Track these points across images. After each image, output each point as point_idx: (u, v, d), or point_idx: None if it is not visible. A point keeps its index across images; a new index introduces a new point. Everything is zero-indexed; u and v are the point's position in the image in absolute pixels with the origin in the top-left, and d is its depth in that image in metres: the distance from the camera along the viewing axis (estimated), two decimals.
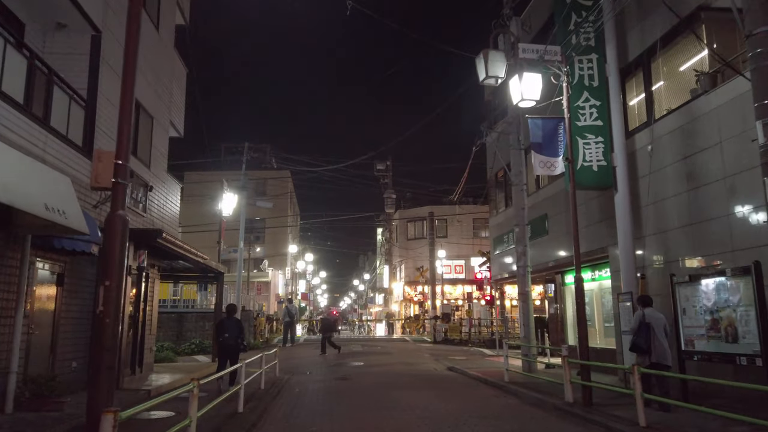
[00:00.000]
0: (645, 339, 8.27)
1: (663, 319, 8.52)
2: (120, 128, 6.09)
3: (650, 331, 8.31)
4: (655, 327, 8.33)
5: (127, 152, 5.76)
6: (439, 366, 16.58)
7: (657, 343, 8.26)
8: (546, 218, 15.57)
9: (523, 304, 14.30)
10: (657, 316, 8.55)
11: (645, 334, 8.30)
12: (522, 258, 14.43)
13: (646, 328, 8.34)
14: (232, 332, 10.66)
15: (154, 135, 13.07)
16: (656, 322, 8.40)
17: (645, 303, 8.76)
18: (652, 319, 8.45)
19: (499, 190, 20.14)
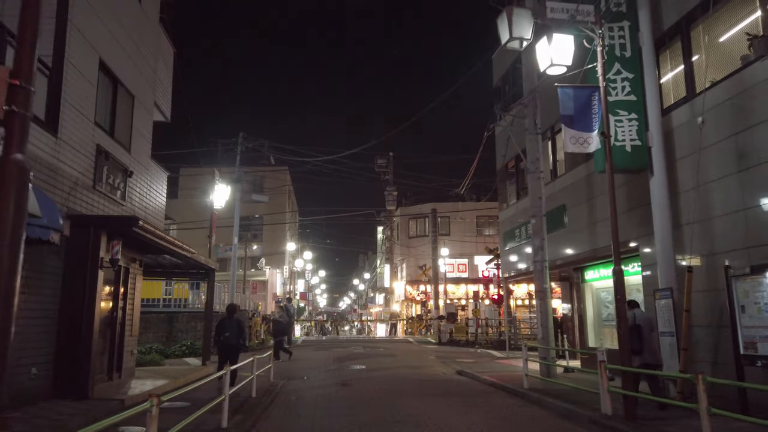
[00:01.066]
0: (638, 340, 8.51)
1: (652, 320, 8.88)
2: (22, 25, 4.12)
3: (641, 332, 8.58)
4: (644, 328, 8.60)
5: (31, 68, 4.08)
6: (447, 370, 15.35)
7: (648, 343, 8.56)
8: (563, 210, 14.34)
9: (541, 302, 13.07)
10: (646, 317, 8.93)
11: (637, 335, 8.53)
12: (539, 252, 13.20)
13: (638, 329, 8.59)
14: (232, 332, 10.58)
15: (135, 115, 11.84)
16: (645, 323, 8.69)
17: (633, 305, 9.05)
18: (641, 320, 8.73)
19: (509, 181, 18.91)
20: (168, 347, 19.22)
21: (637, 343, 8.49)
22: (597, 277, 13.72)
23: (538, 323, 13.08)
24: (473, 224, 41.19)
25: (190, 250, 12.29)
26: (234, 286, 20.52)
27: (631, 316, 8.77)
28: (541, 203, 13.32)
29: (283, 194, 43.01)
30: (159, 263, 14.83)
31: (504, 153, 16.29)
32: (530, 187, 13.58)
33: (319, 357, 18.29)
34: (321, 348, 21.22)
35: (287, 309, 21.37)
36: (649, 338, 8.62)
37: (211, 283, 15.53)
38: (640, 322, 8.71)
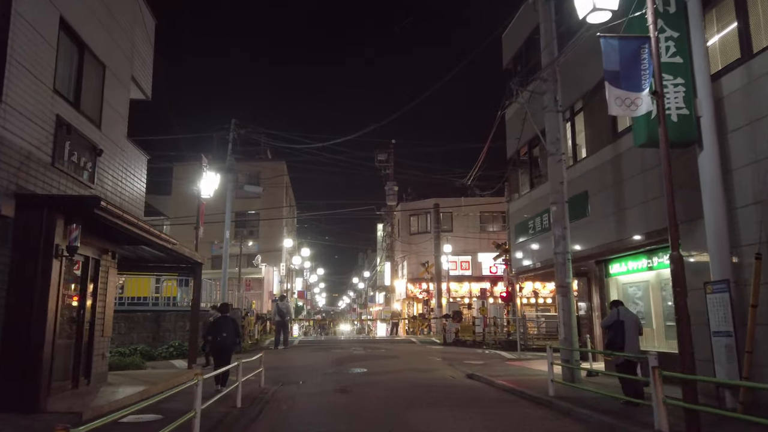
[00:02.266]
0: (621, 336, 8.68)
1: (635, 318, 9.08)
2: None
3: (624, 328, 8.72)
4: (627, 324, 8.74)
5: None
6: (456, 373, 14.00)
7: (630, 341, 8.69)
8: (586, 197, 12.97)
9: (563, 298, 11.72)
10: (630, 314, 9.11)
11: (621, 331, 8.69)
12: (561, 242, 11.85)
13: (621, 325, 8.75)
14: (229, 332, 10.37)
15: (106, 88, 10.46)
16: (629, 320, 8.85)
17: (617, 303, 9.33)
18: (625, 317, 8.89)
19: (522, 169, 17.54)
20: (154, 348, 17.88)
21: (620, 339, 8.67)
22: (624, 271, 12.36)
23: (559, 322, 11.73)
24: (477, 220, 39.85)
25: (170, 240, 10.92)
26: (226, 283, 19.17)
27: (615, 312, 9.05)
28: (563, 188, 11.97)
29: (280, 189, 41.65)
30: (140, 257, 13.46)
31: (518, 136, 14.91)
32: (550, 171, 12.22)
33: (316, 359, 16.94)
34: (319, 349, 19.87)
35: (279, 308, 20.01)
36: (631, 335, 8.78)
37: (197, 278, 14.16)
38: (624, 318, 8.87)
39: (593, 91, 12.75)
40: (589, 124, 13.32)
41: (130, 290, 21.02)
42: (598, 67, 12.59)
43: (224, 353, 10.40)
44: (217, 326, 10.55)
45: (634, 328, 8.82)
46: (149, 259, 13.67)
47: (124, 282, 21.58)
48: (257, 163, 42.10)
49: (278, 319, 19.98)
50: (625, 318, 8.86)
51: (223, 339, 10.33)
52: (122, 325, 18.28)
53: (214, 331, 10.48)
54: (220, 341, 10.35)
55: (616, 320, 8.85)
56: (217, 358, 10.57)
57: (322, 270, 64.08)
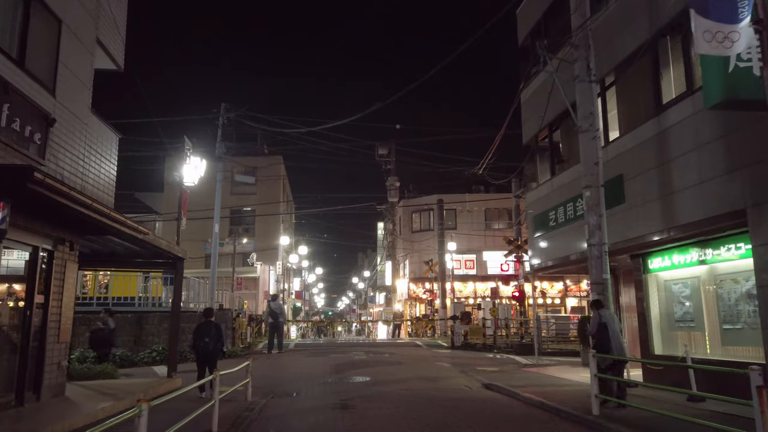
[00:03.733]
0: (607, 338, 8.69)
1: (616, 318, 9.36)
2: None
3: (608, 330, 8.74)
4: (610, 326, 8.78)
5: None
6: (471, 382, 12.37)
7: (615, 341, 8.71)
8: (621, 182, 11.32)
9: (600, 297, 10.07)
10: (612, 316, 9.15)
11: (606, 333, 8.72)
12: (596, 233, 10.22)
13: (605, 328, 8.76)
14: (211, 337, 10.20)
15: (63, 49, 8.81)
16: (611, 322, 8.87)
17: (599, 305, 9.27)
18: (608, 319, 8.89)
19: (541, 156, 15.89)
20: (136, 353, 16.27)
21: (606, 342, 8.68)
22: (667, 266, 10.71)
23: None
24: (481, 217, 38.25)
25: (138, 229, 9.26)
26: (214, 282, 17.53)
27: (596, 315, 9.03)
28: (598, 170, 10.35)
29: (276, 184, 40.01)
30: (113, 251, 11.83)
31: (542, 113, 13.25)
32: (583, 151, 10.59)
33: (313, 365, 15.29)
34: (317, 353, 18.22)
35: (272, 308, 18.34)
36: (617, 336, 8.82)
37: (178, 275, 12.51)
38: (606, 321, 8.85)
39: (629, 59, 11.13)
40: (624, 99, 11.68)
41: (116, 290, 19.43)
42: (634, 30, 11.09)
43: (207, 359, 10.20)
44: (199, 332, 10.30)
45: (617, 329, 8.92)
46: (123, 253, 12.03)
47: (110, 280, 20.02)
48: (253, 158, 40.52)
49: (271, 320, 18.33)
50: (607, 320, 8.87)
51: (205, 344, 10.13)
52: None
53: (197, 337, 10.27)
54: (203, 347, 10.15)
55: (599, 323, 8.88)
56: (200, 364, 10.32)
57: (320, 269, 62.34)
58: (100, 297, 19.07)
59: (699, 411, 8.09)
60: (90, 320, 16.60)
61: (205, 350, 10.16)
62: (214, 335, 10.25)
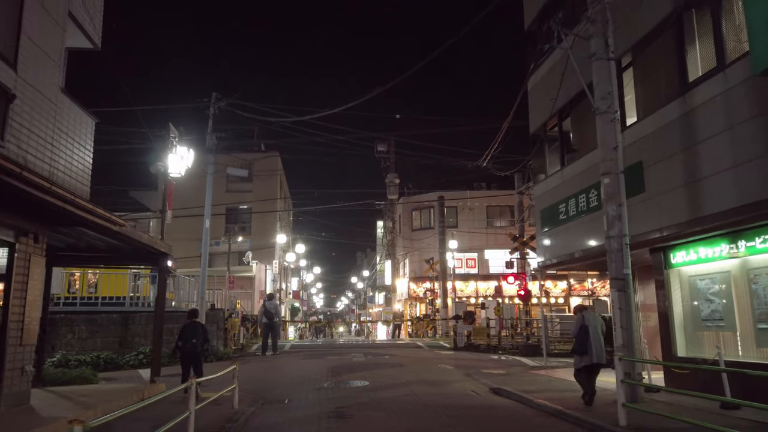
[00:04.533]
0: (587, 340, 8.76)
1: (599, 321, 9.14)
2: None
3: (588, 333, 8.78)
4: (591, 329, 8.79)
5: None
6: (478, 386, 11.50)
7: (595, 344, 8.73)
8: (640, 169, 10.44)
9: (621, 294, 9.18)
10: (594, 318, 9.13)
11: (585, 336, 8.79)
12: (615, 224, 9.33)
13: (586, 330, 8.81)
14: (198, 338, 10.26)
15: (26, 19, 7.92)
16: (593, 325, 8.90)
17: (582, 308, 9.44)
18: (589, 322, 8.91)
19: (550, 145, 15.00)
20: (121, 355, 15.41)
21: (585, 345, 8.77)
22: (692, 260, 9.83)
23: (615, 324, 9.17)
24: (483, 215, 37.38)
25: (112, 220, 8.38)
26: (205, 280, 16.63)
27: (580, 317, 9.12)
28: (618, 155, 9.46)
29: (273, 182, 39.13)
30: (91, 245, 10.92)
31: (553, 98, 12.37)
32: (600, 135, 9.70)
33: (309, 368, 14.40)
34: (313, 355, 17.33)
35: (266, 308, 17.46)
36: (596, 339, 8.81)
37: (162, 272, 11.62)
38: (587, 323, 8.89)
39: (649, 36, 10.27)
40: (643, 80, 10.81)
41: (105, 289, 18.54)
42: (656, 4, 10.21)
43: (193, 360, 10.22)
44: (185, 332, 10.31)
45: (598, 332, 8.89)
46: (103, 249, 11.12)
47: (98, 280, 19.14)
48: (249, 154, 39.66)
49: (266, 321, 17.44)
50: (588, 323, 8.90)
51: (193, 345, 10.16)
52: (83, 329, 15.79)
53: (184, 337, 10.25)
54: (190, 347, 10.17)
55: (582, 325, 8.92)
56: (186, 366, 10.28)
57: (318, 269, 61.31)
58: (91, 297, 18.21)
59: (736, 420, 7.24)
60: (73, 321, 15.74)
61: (193, 351, 10.19)
62: (201, 336, 10.32)
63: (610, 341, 13.97)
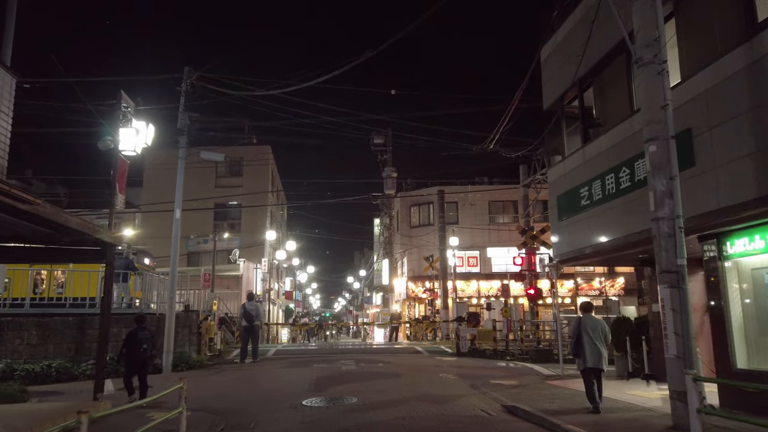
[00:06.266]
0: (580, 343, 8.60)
1: (599, 324, 8.73)
2: None
3: (582, 336, 8.58)
4: (590, 332, 8.57)
5: None
6: (488, 403, 9.55)
7: (591, 348, 8.50)
8: (688, 138, 8.49)
9: (673, 291, 7.23)
10: (593, 321, 8.76)
11: (581, 339, 8.61)
12: (665, 202, 7.39)
13: (579, 335, 8.66)
14: (149, 344, 9.79)
15: None
16: (592, 328, 8.62)
17: (584, 309, 9.12)
18: (586, 324, 8.66)
19: (568, 122, 13.04)
20: (77, 364, 13.46)
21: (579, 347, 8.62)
22: (758, 249, 7.88)
23: (666, 329, 7.21)
24: (485, 210, 35.48)
25: (17, 195, 6.38)
26: (175, 278, 14.64)
27: (577, 320, 9.00)
28: (667, 116, 7.51)
29: (264, 177, 37.17)
30: (16, 233, 8.93)
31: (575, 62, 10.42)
32: (644, 92, 7.75)
33: (290, 379, 12.44)
34: (298, 363, 15.34)
35: (246, 310, 15.48)
36: (593, 343, 8.52)
37: (109, 265, 9.63)
38: (584, 326, 8.66)
39: None
40: (691, 29, 8.86)
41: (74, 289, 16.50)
42: None
43: (143, 368, 9.78)
44: (135, 338, 9.69)
45: (597, 336, 8.58)
46: (30, 237, 9.14)
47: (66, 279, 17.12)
48: (239, 148, 37.69)
49: (245, 324, 15.46)
50: (586, 326, 8.66)
51: (144, 351, 9.73)
52: (32, 334, 13.81)
53: (133, 344, 9.67)
54: (142, 353, 9.69)
55: (577, 327, 8.77)
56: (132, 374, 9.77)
57: (312, 268, 59.20)
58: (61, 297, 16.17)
59: None
60: (22, 325, 13.76)
61: (144, 356, 9.78)
62: (150, 343, 9.93)
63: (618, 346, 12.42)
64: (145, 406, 8.23)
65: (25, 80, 8.99)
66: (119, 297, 15.35)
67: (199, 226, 34.24)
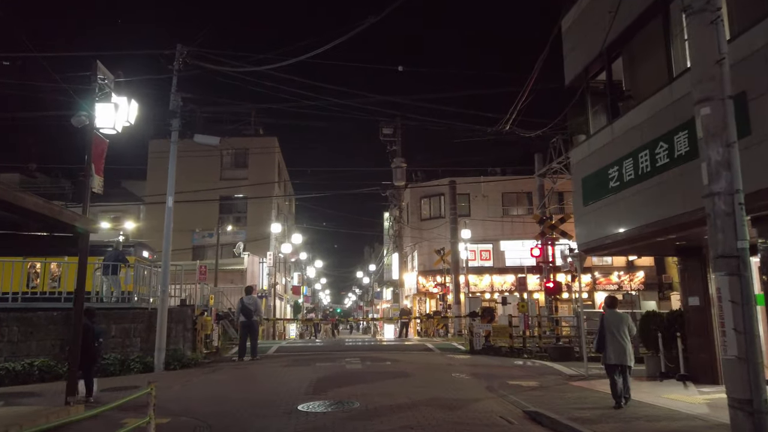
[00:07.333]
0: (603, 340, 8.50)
1: (622, 319, 8.56)
2: None
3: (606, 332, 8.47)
4: (613, 328, 8.43)
5: None
6: (508, 408, 8.46)
7: (614, 344, 8.36)
8: (743, 102, 7.31)
9: (732, 279, 6.04)
10: (616, 316, 8.62)
11: (602, 334, 8.53)
12: (721, 174, 6.19)
13: (602, 330, 8.55)
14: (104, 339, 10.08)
15: None
16: (615, 323, 8.48)
17: (608, 304, 8.98)
18: (608, 320, 8.55)
19: (593, 98, 11.84)
20: (63, 362, 12.44)
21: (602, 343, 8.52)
22: None
23: (727, 324, 6.04)
24: (498, 202, 34.30)
25: None
26: (167, 269, 13.64)
27: (601, 316, 8.92)
28: (723, 72, 6.31)
29: (270, 167, 36.22)
30: None
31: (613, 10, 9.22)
32: (694, 46, 6.56)
33: (289, 379, 11.40)
34: (299, 361, 14.31)
35: (245, 305, 14.48)
36: (616, 339, 8.37)
37: (82, 253, 8.63)
38: (607, 322, 8.54)
39: None
40: None
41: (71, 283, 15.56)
42: None
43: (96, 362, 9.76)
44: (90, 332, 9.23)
45: (621, 331, 8.40)
46: None
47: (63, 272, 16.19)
48: (245, 139, 36.81)
49: (243, 319, 14.46)
50: (608, 321, 8.53)
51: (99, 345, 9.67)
52: (15, 330, 12.92)
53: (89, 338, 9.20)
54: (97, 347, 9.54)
55: (601, 323, 8.67)
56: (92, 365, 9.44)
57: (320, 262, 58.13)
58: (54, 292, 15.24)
59: None
60: (2, 321, 12.83)
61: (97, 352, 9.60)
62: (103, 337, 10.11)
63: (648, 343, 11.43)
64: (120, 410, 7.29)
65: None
66: (109, 291, 14.38)
67: (204, 219, 33.38)
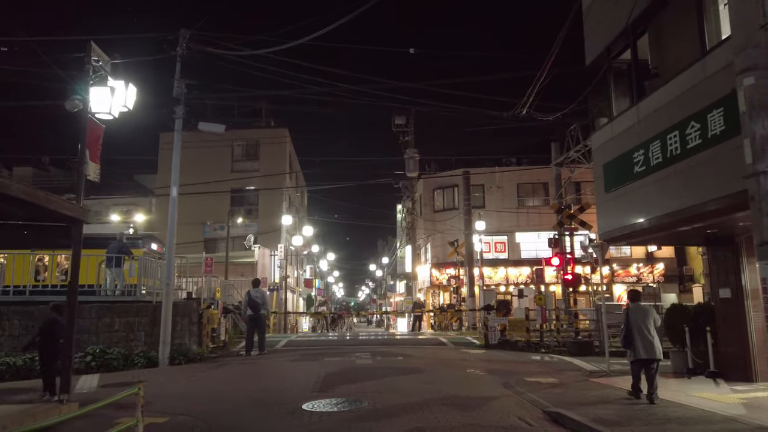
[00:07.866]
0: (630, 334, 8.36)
1: (648, 313, 8.45)
2: None
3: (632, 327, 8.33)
4: (640, 322, 8.29)
5: None
6: (526, 408, 7.90)
7: (643, 338, 8.21)
8: None
9: None
10: (642, 310, 8.55)
11: (628, 331, 8.40)
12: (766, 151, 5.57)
13: (628, 325, 8.42)
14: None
15: None
16: (640, 317, 8.35)
17: (631, 298, 8.94)
18: (634, 314, 8.44)
19: (616, 78, 11.14)
20: None
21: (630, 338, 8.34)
22: None
23: None
24: (513, 193, 33.54)
25: None
26: (172, 260, 13.22)
27: (625, 312, 8.85)
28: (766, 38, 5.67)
29: (282, 159, 35.79)
30: None
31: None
32: (736, 8, 5.92)
33: (295, 375, 10.94)
34: (308, 355, 13.84)
35: (252, 298, 14.03)
36: (642, 333, 8.21)
37: (76, 243, 8.21)
38: (631, 316, 8.42)
39: None
40: None
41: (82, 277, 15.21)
42: None
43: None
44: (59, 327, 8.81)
45: (647, 325, 8.22)
46: None
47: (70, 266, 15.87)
48: (256, 131, 36.43)
49: (250, 313, 14.02)
50: (632, 315, 8.37)
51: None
52: (14, 324, 12.60)
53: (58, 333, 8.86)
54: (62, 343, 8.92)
55: (626, 317, 8.50)
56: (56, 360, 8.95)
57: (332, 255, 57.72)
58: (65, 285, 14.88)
59: None
60: (2, 315, 12.51)
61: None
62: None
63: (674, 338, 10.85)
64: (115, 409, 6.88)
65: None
66: (112, 283, 14.01)
67: (215, 212, 33.07)
